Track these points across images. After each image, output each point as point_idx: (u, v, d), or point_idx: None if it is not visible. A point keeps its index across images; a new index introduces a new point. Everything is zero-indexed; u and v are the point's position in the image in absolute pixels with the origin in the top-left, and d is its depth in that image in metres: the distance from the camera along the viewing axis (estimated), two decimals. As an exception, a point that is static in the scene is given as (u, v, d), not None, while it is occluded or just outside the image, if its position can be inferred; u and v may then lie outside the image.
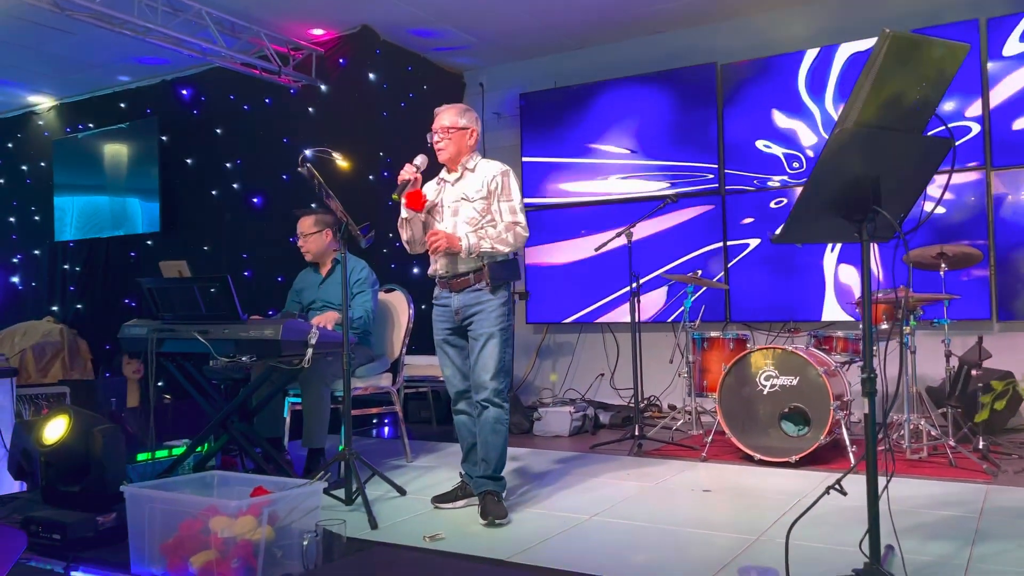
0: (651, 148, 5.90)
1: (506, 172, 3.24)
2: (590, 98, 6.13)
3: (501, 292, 3.21)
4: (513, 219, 3.19)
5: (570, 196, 6.18)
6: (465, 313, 3.22)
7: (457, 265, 3.22)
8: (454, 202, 3.26)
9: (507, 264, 3.25)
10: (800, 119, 5.43)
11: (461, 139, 3.27)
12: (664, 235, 5.79)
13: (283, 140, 6.02)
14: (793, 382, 3.96)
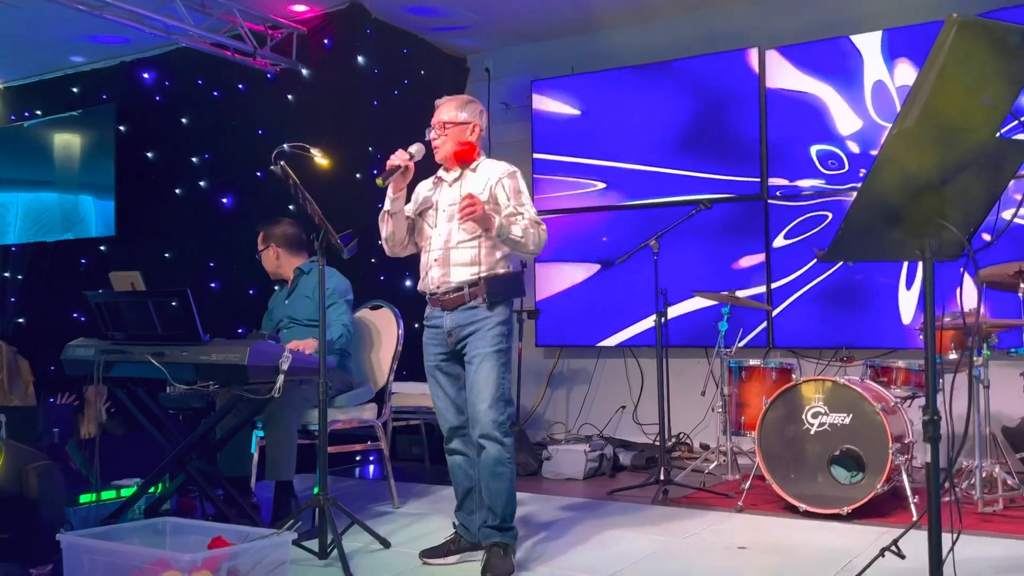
0: (682, 145, 5.90)
1: (513, 174, 3.25)
2: (613, 87, 6.13)
3: (500, 309, 3.21)
4: (534, 218, 3.20)
5: (588, 200, 6.19)
6: (459, 335, 3.22)
7: (450, 278, 3.22)
8: (450, 205, 3.26)
9: (508, 278, 3.25)
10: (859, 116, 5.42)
11: (460, 135, 3.28)
12: (696, 247, 5.80)
13: (258, 132, 6.05)
14: (845, 420, 3.94)
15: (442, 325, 3.26)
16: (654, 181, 5.96)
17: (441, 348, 3.29)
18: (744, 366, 4.71)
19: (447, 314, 3.24)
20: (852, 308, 5.38)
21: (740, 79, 5.73)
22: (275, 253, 4.29)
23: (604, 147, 6.14)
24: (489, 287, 3.18)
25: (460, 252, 3.22)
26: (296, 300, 4.23)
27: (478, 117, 3.32)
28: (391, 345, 4.33)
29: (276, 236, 4.30)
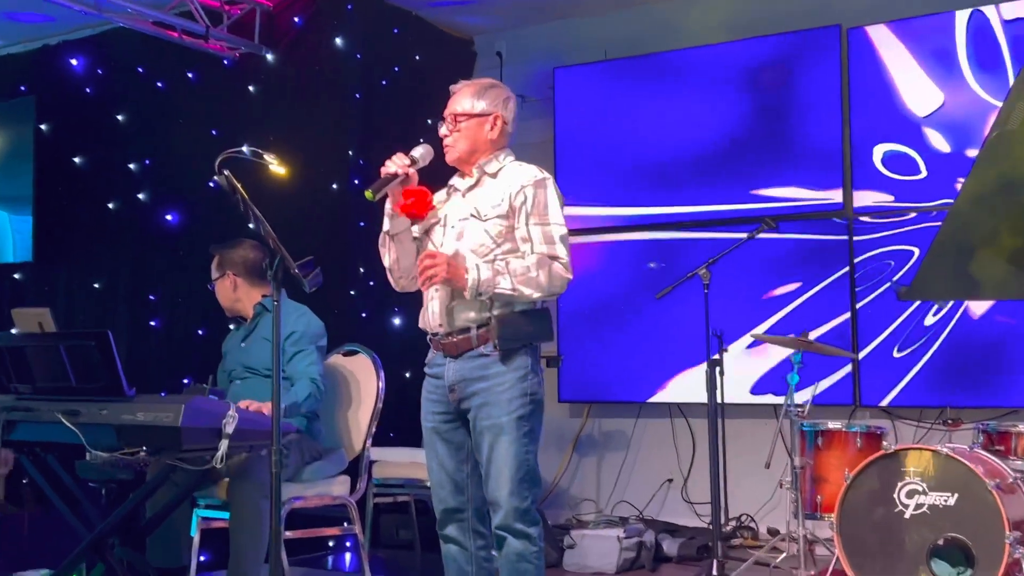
0: (742, 147, 5.90)
1: (541, 182, 3.22)
2: (656, 75, 6.14)
3: (519, 360, 3.16)
4: (549, 250, 3.16)
5: (624, 217, 6.20)
6: (464, 391, 3.18)
7: (454, 315, 3.18)
8: (460, 220, 3.25)
9: (530, 316, 3.20)
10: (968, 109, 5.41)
11: (476, 131, 3.27)
12: (758, 277, 5.80)
13: (212, 132, 6.08)
14: (950, 501, 3.90)
15: (443, 376, 3.22)
16: (707, 193, 5.97)
17: (441, 406, 3.25)
18: (821, 430, 4.66)
19: (450, 362, 3.21)
20: (961, 356, 5.33)
21: (816, 64, 5.74)
22: (232, 283, 4.32)
23: (645, 150, 6.15)
24: (503, 329, 3.13)
25: None
26: (255, 344, 4.25)
27: (502, 107, 3.29)
28: (369, 401, 4.34)
29: (234, 262, 4.32)
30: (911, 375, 5.44)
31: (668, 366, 5.98)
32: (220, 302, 4.40)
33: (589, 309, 6.24)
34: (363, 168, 5.91)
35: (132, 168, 6.40)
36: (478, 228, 3.19)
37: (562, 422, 6.41)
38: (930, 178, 5.42)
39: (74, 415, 3.33)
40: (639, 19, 6.35)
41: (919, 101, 5.48)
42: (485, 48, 6.79)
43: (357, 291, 5.87)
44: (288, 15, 5.99)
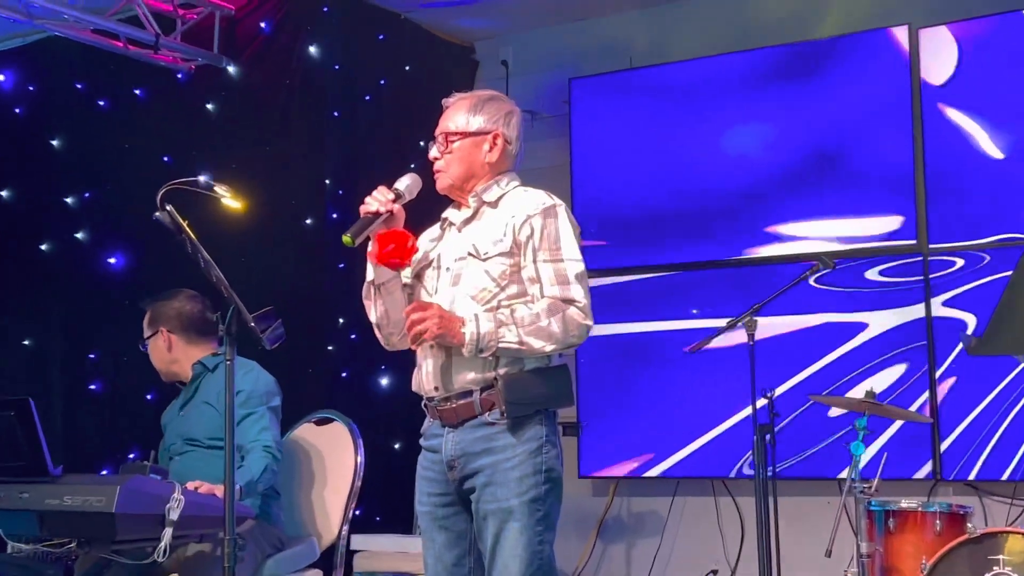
0: (792, 171, 5.94)
1: (551, 210, 3.24)
2: (689, 87, 6.16)
3: (532, 429, 3.16)
4: (563, 292, 3.16)
5: (653, 253, 6.22)
6: (465, 467, 3.18)
7: (452, 376, 3.18)
8: (457, 260, 3.26)
9: (544, 375, 3.21)
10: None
11: (472, 152, 3.29)
12: (812, 327, 5.80)
13: (163, 158, 6.15)
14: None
15: (440, 450, 3.23)
16: (751, 224, 6.00)
17: (438, 486, 3.26)
18: (893, 510, 4.60)
19: (449, 433, 3.21)
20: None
21: (880, 71, 5.76)
22: (167, 341, 4.37)
23: (678, 175, 6.18)
24: (511, 392, 3.13)
25: None
26: (195, 410, 4.27)
27: (503, 123, 3.32)
28: (345, 478, 4.33)
29: (168, 317, 4.38)
30: (1000, 442, 5.40)
31: (707, 432, 5.97)
32: (154, 364, 4.46)
33: (613, 365, 6.25)
34: (342, 199, 5.95)
35: (69, 202, 6.44)
36: (477, 269, 3.20)
37: (583, 502, 6.38)
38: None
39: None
40: (670, 20, 6.40)
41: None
42: (488, 56, 6.87)
43: (336, 346, 5.89)
44: (253, 20, 6.07)
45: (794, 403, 5.59)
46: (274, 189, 5.66)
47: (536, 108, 6.61)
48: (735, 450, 5.87)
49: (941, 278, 5.60)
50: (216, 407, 4.15)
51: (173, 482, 3.47)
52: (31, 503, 3.30)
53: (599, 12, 6.52)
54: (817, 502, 5.65)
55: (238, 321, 3.16)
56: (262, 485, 3.96)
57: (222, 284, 3.18)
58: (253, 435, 4.00)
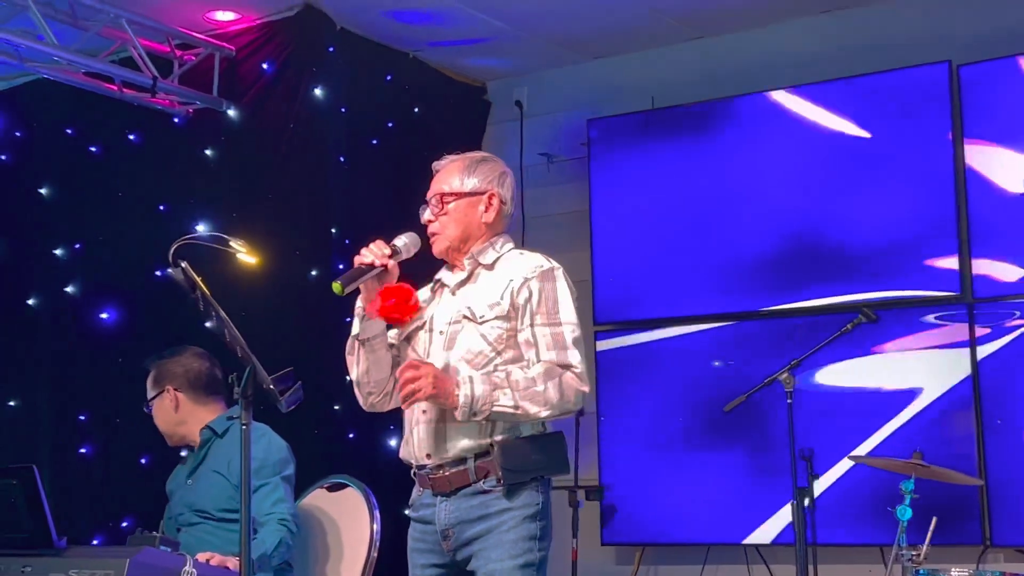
0: (826, 218, 5.95)
1: (548, 273, 3.32)
2: (716, 128, 6.18)
3: (526, 495, 3.21)
4: (559, 357, 3.22)
5: (679, 306, 6.21)
6: (460, 537, 3.22)
7: (446, 443, 3.24)
8: (450, 323, 3.32)
9: (540, 441, 3.27)
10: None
11: (468, 213, 3.38)
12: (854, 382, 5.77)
13: (159, 207, 6.09)
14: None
15: (434, 520, 3.26)
16: (785, 275, 5.98)
17: (434, 557, 3.29)
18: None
19: (442, 502, 3.25)
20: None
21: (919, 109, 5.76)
22: (174, 401, 4.30)
23: (705, 220, 6.18)
24: (507, 459, 3.18)
25: None
26: (203, 479, 4.21)
27: (497, 183, 3.41)
28: (360, 548, 4.24)
29: (175, 375, 4.32)
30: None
31: (743, 496, 5.95)
32: (159, 427, 4.40)
33: (638, 426, 6.24)
34: (348, 249, 5.76)
35: (58, 254, 6.33)
36: (472, 333, 3.27)
37: (606, 571, 6.38)
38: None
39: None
40: (694, 57, 6.43)
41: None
42: (502, 96, 6.89)
43: (343, 405, 5.80)
44: (255, 61, 6.05)
45: (838, 466, 5.59)
46: (277, 239, 5.58)
47: (552, 151, 6.78)
48: (772, 515, 5.85)
49: (989, 330, 5.58)
50: (227, 476, 4.12)
51: (184, 554, 3.48)
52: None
53: (617, 51, 6.57)
54: (859, 571, 5.65)
55: (254, 383, 3.12)
56: (276, 560, 3.90)
57: (238, 343, 3.17)
58: (267, 507, 3.95)
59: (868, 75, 5.87)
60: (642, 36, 6.32)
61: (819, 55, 6.09)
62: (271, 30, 5.99)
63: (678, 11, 6.06)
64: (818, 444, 5.33)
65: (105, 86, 5.86)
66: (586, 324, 3.89)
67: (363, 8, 5.92)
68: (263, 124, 6.00)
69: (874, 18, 6.02)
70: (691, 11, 6.07)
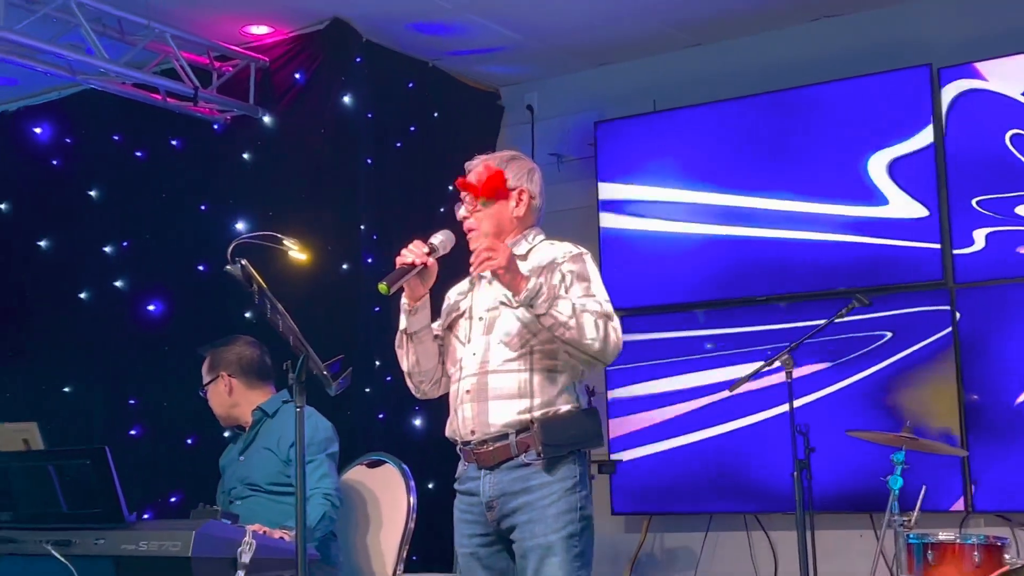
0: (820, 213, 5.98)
1: (579, 256, 3.34)
2: (715, 129, 6.24)
3: (565, 468, 3.24)
4: (604, 309, 3.23)
5: (683, 294, 6.27)
6: (504, 508, 3.24)
7: (489, 418, 3.26)
8: (489, 310, 3.35)
9: (577, 417, 3.29)
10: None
11: (502, 210, 3.40)
12: (849, 362, 5.85)
13: (200, 206, 6.21)
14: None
15: (479, 492, 3.28)
16: (781, 262, 6.04)
17: (478, 528, 3.31)
18: (931, 542, 4.60)
19: (486, 475, 3.27)
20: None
21: (902, 112, 5.81)
22: (228, 386, 4.40)
23: (706, 214, 6.23)
24: (546, 434, 3.19)
25: (502, 379, 3.26)
26: (255, 456, 4.32)
27: (527, 180, 3.43)
28: (398, 520, 4.35)
29: (229, 362, 4.41)
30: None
31: (743, 468, 5.98)
32: (214, 410, 4.48)
33: (645, 406, 6.28)
34: (376, 244, 6.01)
35: (107, 251, 6.48)
36: (509, 317, 3.28)
37: (617, 538, 6.39)
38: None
39: (65, 546, 3.37)
40: (694, 63, 6.47)
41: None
42: (514, 101, 6.96)
43: (373, 389, 5.92)
44: (288, 71, 6.13)
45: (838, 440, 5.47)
46: (310, 235, 5.41)
47: (562, 151, 6.74)
48: (771, 486, 5.85)
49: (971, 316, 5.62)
50: (276, 452, 4.21)
51: (244, 526, 3.52)
52: (107, 549, 3.34)
53: (622, 57, 6.60)
54: (853, 536, 5.68)
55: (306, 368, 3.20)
56: (319, 532, 3.99)
57: (292, 332, 3.23)
58: (313, 482, 3.99)
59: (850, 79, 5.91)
60: (644, 44, 6.36)
61: (806, 60, 6.12)
62: (302, 42, 6.07)
63: (677, 20, 6.10)
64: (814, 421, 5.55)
65: (150, 96, 5.98)
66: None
67: (387, 21, 5.98)
68: (296, 129, 6.05)
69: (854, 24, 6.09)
70: (689, 20, 6.10)
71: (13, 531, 3.55)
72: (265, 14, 5.99)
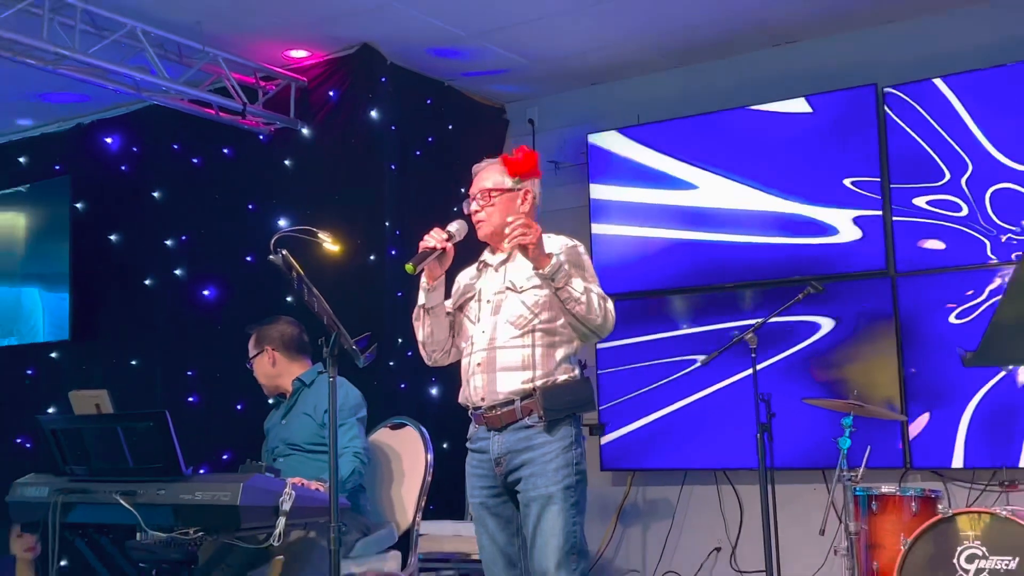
0: (780, 213, 5.98)
1: (573, 248, 3.36)
2: (690, 139, 6.23)
3: (563, 430, 3.26)
4: (601, 293, 3.27)
5: (663, 279, 6.28)
6: (510, 463, 3.26)
7: (497, 387, 3.27)
8: (496, 294, 3.37)
9: (573, 385, 3.31)
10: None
11: (509, 205, 3.40)
12: (806, 338, 5.85)
13: (248, 206, 6.24)
14: (1011, 565, 3.94)
15: (488, 450, 3.31)
16: (747, 254, 6.04)
17: (487, 481, 3.33)
18: (875, 494, 4.68)
19: (494, 435, 3.29)
20: (1014, 414, 5.30)
21: (851, 124, 5.81)
22: (271, 359, 4.44)
23: (681, 214, 6.23)
24: (547, 400, 3.22)
25: (508, 353, 3.29)
26: (294, 420, 4.34)
27: (530, 181, 3.44)
28: (417, 475, 4.39)
29: (272, 338, 4.45)
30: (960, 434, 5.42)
31: (714, 431, 5.99)
32: (259, 380, 4.50)
33: (631, 375, 6.30)
34: (399, 238, 6.02)
35: (168, 244, 6.54)
36: (515, 300, 3.31)
37: (605, 491, 6.40)
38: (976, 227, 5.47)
39: (131, 495, 3.40)
40: (672, 83, 6.48)
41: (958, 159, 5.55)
42: (517, 115, 6.96)
43: (396, 362, 5.93)
44: (323, 90, 6.15)
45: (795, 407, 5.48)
46: (342, 230, 5.53)
47: (559, 159, 6.73)
48: (737, 446, 5.82)
49: (908, 301, 5.60)
50: (313, 417, 4.23)
51: (285, 479, 3.53)
52: (167, 498, 3.38)
53: (610, 78, 6.60)
54: (807, 489, 5.69)
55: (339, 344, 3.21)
56: (350, 484, 4.02)
57: (326, 313, 3.24)
58: (344, 442, 4.04)
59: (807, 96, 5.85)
60: (630, 66, 6.39)
61: (767, 81, 6.11)
62: (336, 65, 6.11)
63: (658, 46, 6.12)
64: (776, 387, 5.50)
65: (204, 110, 6.02)
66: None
67: (409, 47, 6.01)
68: (330, 140, 6.10)
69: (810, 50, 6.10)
70: (668, 46, 6.12)
71: (87, 483, 3.57)
72: (304, 40, 6.02)
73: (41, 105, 6.82)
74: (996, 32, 5.62)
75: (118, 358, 6.52)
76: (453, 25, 5.82)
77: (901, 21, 5.87)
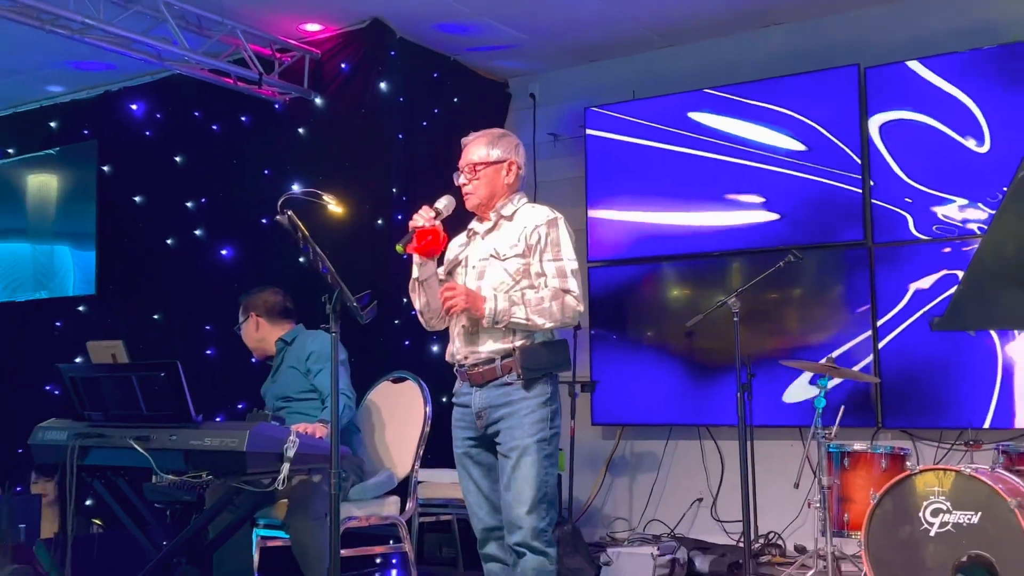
0: (767, 181, 5.94)
1: (553, 221, 3.33)
2: (683, 114, 6.20)
3: (539, 387, 3.26)
4: (562, 284, 3.25)
5: (654, 246, 6.25)
6: (490, 417, 3.27)
7: (479, 347, 3.28)
8: (481, 260, 3.36)
9: (550, 347, 3.30)
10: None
11: (494, 177, 3.38)
12: (784, 306, 5.85)
13: (264, 171, 6.22)
14: (973, 519, 3.90)
15: (471, 404, 3.32)
16: (734, 224, 6.00)
17: (470, 432, 3.35)
18: (847, 451, 4.66)
19: (476, 391, 3.31)
20: (981, 378, 5.30)
21: (837, 103, 5.76)
22: (255, 324, 4.53)
23: (673, 184, 6.19)
24: (525, 359, 3.23)
25: None
26: (283, 375, 4.39)
27: (514, 153, 3.41)
28: (417, 425, 4.38)
29: (256, 305, 4.53)
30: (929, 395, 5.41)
31: (698, 390, 5.99)
32: (247, 344, 4.58)
33: (621, 334, 6.30)
34: (405, 204, 5.98)
35: (189, 206, 6.52)
36: (498, 267, 3.30)
37: (595, 444, 6.42)
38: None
39: (145, 441, 3.41)
40: (665, 61, 6.45)
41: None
42: (519, 90, 6.92)
43: (400, 320, 5.92)
44: (335, 62, 6.12)
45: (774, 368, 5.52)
46: (351, 195, 5.69)
47: (558, 131, 6.73)
48: (719, 403, 5.86)
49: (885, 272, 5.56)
50: (298, 368, 4.30)
51: (289, 427, 3.55)
52: (178, 444, 3.39)
53: (608, 55, 6.56)
54: (785, 445, 5.69)
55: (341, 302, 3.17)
56: (343, 420, 4.03)
57: (330, 272, 3.20)
58: (327, 385, 4.07)
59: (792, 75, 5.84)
60: (626, 44, 6.35)
61: (756, 59, 6.05)
62: (348, 38, 6.09)
63: (653, 25, 6.08)
64: (756, 352, 5.49)
65: (223, 80, 6.01)
66: (582, 260, 3.93)
67: (417, 22, 5.98)
68: (341, 110, 6.07)
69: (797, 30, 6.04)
70: (663, 25, 6.07)
71: (103, 428, 3.59)
72: (317, 14, 5.98)
73: (71, 72, 6.81)
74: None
75: (141, 312, 6.53)
76: (460, 2, 5.78)
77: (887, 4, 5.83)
